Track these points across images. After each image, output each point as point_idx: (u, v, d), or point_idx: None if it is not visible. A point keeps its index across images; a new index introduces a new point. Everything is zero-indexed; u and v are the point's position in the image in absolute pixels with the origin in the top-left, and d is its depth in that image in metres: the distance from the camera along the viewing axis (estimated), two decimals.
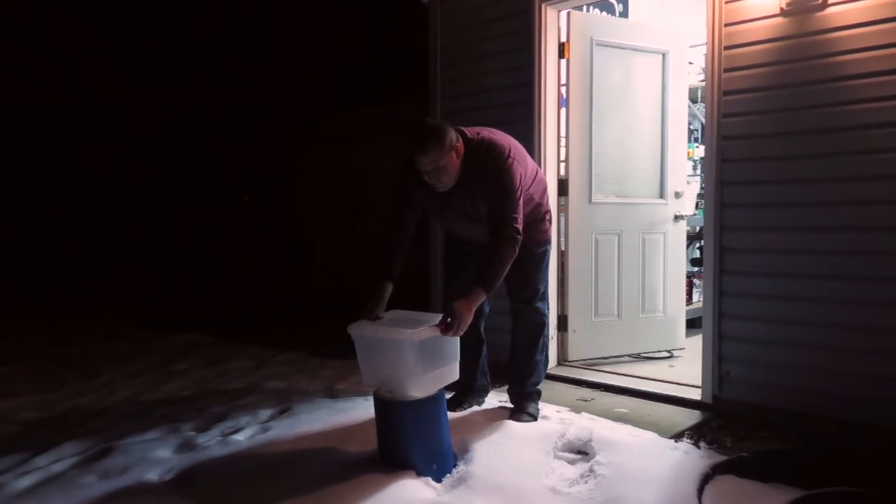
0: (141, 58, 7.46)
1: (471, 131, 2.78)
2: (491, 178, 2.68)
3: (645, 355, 4.20)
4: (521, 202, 2.70)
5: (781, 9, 2.97)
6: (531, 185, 2.88)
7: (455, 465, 2.54)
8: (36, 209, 7.00)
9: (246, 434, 2.98)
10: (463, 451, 2.63)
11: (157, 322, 6.15)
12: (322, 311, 6.40)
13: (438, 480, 2.44)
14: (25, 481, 2.55)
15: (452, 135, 2.62)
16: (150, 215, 7.52)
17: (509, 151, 2.72)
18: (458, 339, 2.61)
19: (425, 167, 2.59)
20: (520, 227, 2.67)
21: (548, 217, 3.08)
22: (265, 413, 3.28)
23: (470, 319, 2.53)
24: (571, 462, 2.63)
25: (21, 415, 3.47)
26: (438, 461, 2.49)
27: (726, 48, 3.14)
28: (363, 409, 3.11)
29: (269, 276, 7.60)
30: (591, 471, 2.48)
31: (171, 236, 7.55)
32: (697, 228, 4.73)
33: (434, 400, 2.51)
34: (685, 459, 2.60)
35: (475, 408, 3.17)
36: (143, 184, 7.46)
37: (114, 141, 7.35)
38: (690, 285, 4.83)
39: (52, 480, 2.56)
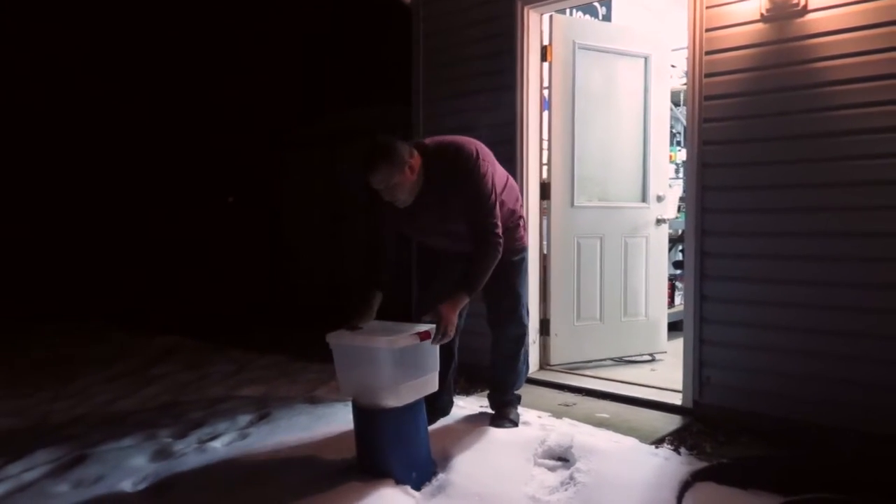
0: (126, 58, 7.37)
1: (432, 140, 2.75)
2: (463, 184, 2.65)
3: (627, 359, 4.20)
4: (497, 205, 2.70)
5: (762, 14, 2.98)
6: (503, 191, 2.85)
7: (435, 473, 2.52)
8: (15, 208, 6.89)
9: (223, 441, 2.94)
10: (443, 459, 2.60)
11: (139, 324, 6.07)
12: (305, 315, 6.35)
13: (418, 489, 2.42)
14: None
15: (405, 151, 2.55)
16: (133, 216, 7.42)
17: (476, 154, 2.69)
18: (437, 350, 2.59)
19: (377, 186, 2.55)
20: (500, 230, 2.68)
21: (522, 223, 3.04)
22: (244, 419, 3.23)
23: (455, 321, 2.56)
24: (552, 469, 2.61)
25: None
26: (418, 469, 2.47)
27: (707, 53, 3.14)
28: (343, 415, 3.07)
29: (252, 279, 7.54)
30: (572, 478, 2.46)
31: (154, 238, 7.46)
32: (680, 231, 4.74)
33: (413, 407, 2.49)
34: (665, 466, 2.60)
35: (456, 414, 3.14)
36: (123, 184, 7.36)
37: (96, 141, 7.25)
38: (673, 288, 4.85)
39: (23, 489, 2.52)
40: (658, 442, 2.91)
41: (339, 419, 3.08)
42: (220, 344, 5.22)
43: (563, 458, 2.68)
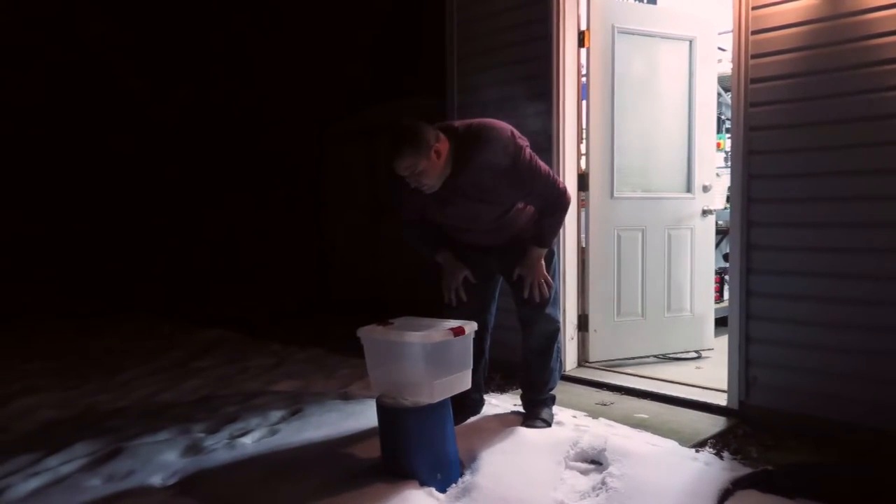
0: (164, 54, 7.52)
1: (461, 123, 2.66)
2: (509, 165, 2.57)
3: (671, 356, 4.03)
4: (546, 170, 2.70)
5: None
6: None
7: (461, 475, 2.45)
8: (67, 204, 7.13)
9: (253, 437, 2.93)
10: (470, 460, 2.53)
11: (186, 318, 6.20)
12: (348, 308, 6.36)
13: (443, 491, 2.35)
14: (32, 483, 2.55)
15: (431, 135, 2.47)
16: (178, 211, 7.59)
17: (511, 132, 2.62)
18: (471, 347, 2.52)
19: (402, 172, 2.48)
20: (563, 186, 2.77)
21: None
22: (276, 415, 3.24)
23: (542, 271, 2.80)
24: (584, 472, 2.51)
25: (40, 413, 3.49)
26: (443, 470, 2.40)
27: (753, 33, 2.94)
28: (374, 413, 3.02)
29: (297, 273, 7.60)
30: (604, 483, 2.35)
31: (199, 232, 7.61)
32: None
33: (439, 407, 2.42)
34: (705, 472, 2.45)
35: (487, 412, 3.06)
36: (170, 180, 7.53)
37: (142, 138, 7.44)
38: (722, 282, 4.64)
39: (57, 483, 2.55)
40: (699, 445, 2.76)
41: (369, 417, 3.03)
42: (262, 337, 5.28)
43: (596, 461, 2.57)
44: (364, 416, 3.07)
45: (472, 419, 2.97)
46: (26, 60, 6.94)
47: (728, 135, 4.74)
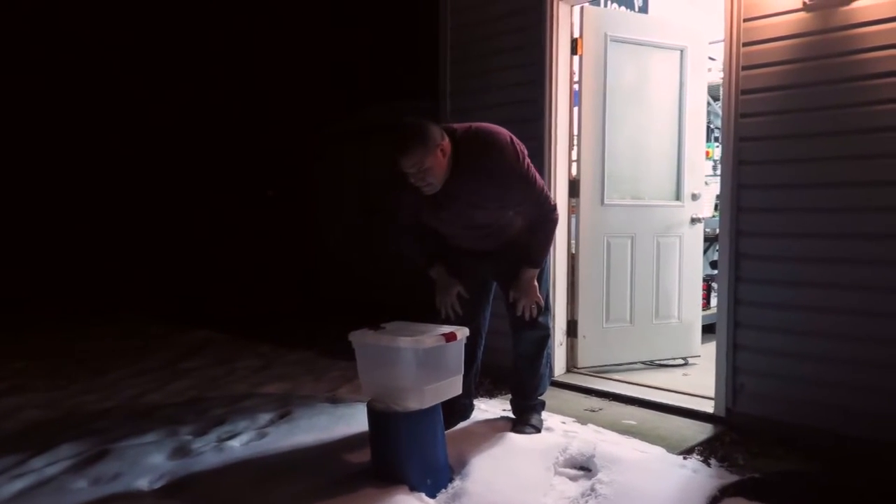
0: (164, 55, 7.50)
1: (461, 126, 2.66)
2: (506, 173, 2.56)
3: (658, 363, 4.06)
4: (542, 184, 2.70)
5: (804, 3, 2.80)
6: None
7: (451, 480, 2.46)
8: (57, 204, 7.08)
9: (242, 440, 2.92)
10: (460, 465, 2.54)
11: (174, 319, 6.16)
12: (338, 309, 6.34)
13: (433, 496, 2.36)
14: (18, 484, 2.52)
15: (436, 133, 2.47)
16: (171, 212, 7.56)
17: (511, 139, 2.61)
18: (462, 352, 2.53)
19: (408, 169, 2.46)
20: (553, 202, 2.76)
21: None
22: (264, 417, 3.22)
23: (536, 292, 2.82)
24: (573, 478, 2.52)
25: (25, 413, 3.46)
26: (433, 475, 2.40)
27: (745, 45, 2.98)
28: (363, 417, 2.99)
29: (292, 274, 7.60)
30: (593, 489, 2.36)
31: (191, 233, 7.59)
32: (717, 230, 4.56)
33: (429, 412, 2.42)
34: (693, 479, 2.48)
35: (477, 417, 3.07)
36: (162, 182, 7.51)
37: (135, 139, 7.42)
38: (709, 289, 4.67)
39: (43, 484, 2.53)
40: (687, 452, 2.78)
41: (358, 420, 3.02)
42: (251, 338, 5.26)
43: (585, 467, 2.58)
44: (354, 419, 3.07)
45: (462, 424, 2.98)
46: (26, 61, 6.90)
47: (717, 143, 4.79)
